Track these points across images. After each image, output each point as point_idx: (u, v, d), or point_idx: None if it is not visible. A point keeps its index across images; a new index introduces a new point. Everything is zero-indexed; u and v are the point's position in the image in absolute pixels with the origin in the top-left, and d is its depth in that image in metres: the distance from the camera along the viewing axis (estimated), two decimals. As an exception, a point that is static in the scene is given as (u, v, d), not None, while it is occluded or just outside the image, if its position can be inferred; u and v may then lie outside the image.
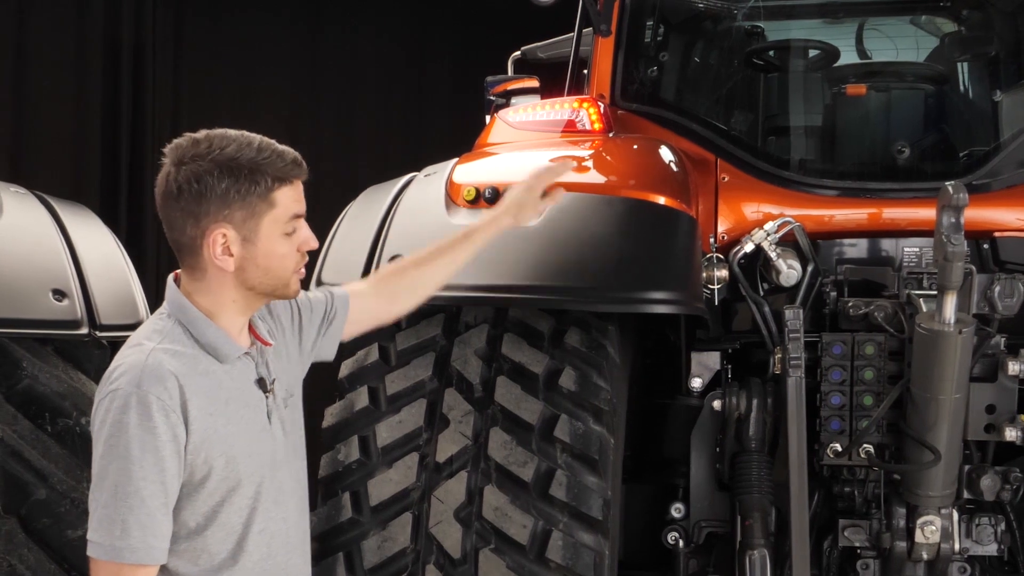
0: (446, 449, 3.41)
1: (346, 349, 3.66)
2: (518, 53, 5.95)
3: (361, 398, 3.53)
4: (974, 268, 3.56)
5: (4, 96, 7.35)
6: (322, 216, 3.50)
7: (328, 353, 2.90)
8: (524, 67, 5.90)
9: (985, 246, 3.97)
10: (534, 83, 5.30)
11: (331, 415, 3.55)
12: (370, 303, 2.94)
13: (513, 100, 5.10)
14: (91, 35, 7.65)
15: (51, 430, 3.38)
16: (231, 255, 2.47)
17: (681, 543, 3.97)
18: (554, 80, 5.29)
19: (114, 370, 2.44)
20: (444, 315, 3.62)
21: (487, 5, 8.39)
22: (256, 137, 2.51)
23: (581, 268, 3.40)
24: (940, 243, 3.26)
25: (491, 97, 5.42)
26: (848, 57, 4.73)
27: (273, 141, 2.53)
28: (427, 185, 3.78)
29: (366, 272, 3.48)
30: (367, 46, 8.66)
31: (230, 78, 8.22)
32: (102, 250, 3.62)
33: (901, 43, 4.83)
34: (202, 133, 2.50)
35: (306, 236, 2.56)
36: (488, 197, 3.57)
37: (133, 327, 3.51)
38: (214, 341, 2.49)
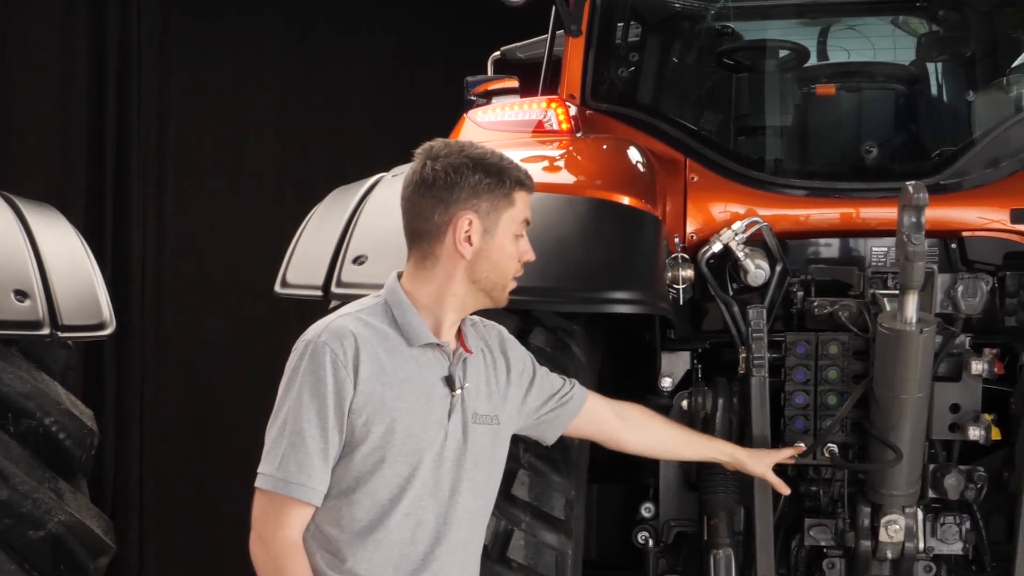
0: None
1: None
2: (497, 53, 5.95)
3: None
4: (935, 267, 3.57)
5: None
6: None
7: (549, 436, 3.12)
8: (504, 67, 5.90)
9: (953, 246, 3.98)
10: (514, 83, 5.30)
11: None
12: (605, 414, 3.18)
13: (493, 100, 5.11)
14: (76, 36, 7.64)
15: (14, 431, 3.39)
16: (471, 244, 2.74)
17: (651, 542, 3.97)
18: (534, 80, 5.30)
19: (310, 328, 2.72)
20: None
21: (478, 5, 8.40)
22: (497, 150, 2.85)
23: (545, 268, 3.39)
24: (901, 243, 3.27)
25: (472, 97, 5.42)
26: (823, 57, 4.75)
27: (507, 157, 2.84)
28: (394, 185, 3.76)
29: (329, 274, 3.49)
30: (357, 46, 8.66)
31: (218, 79, 8.21)
32: (67, 251, 3.63)
33: (877, 43, 4.85)
34: (452, 140, 2.81)
35: (527, 247, 2.82)
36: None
37: (96, 328, 3.55)
38: (410, 323, 2.72)
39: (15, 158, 7.41)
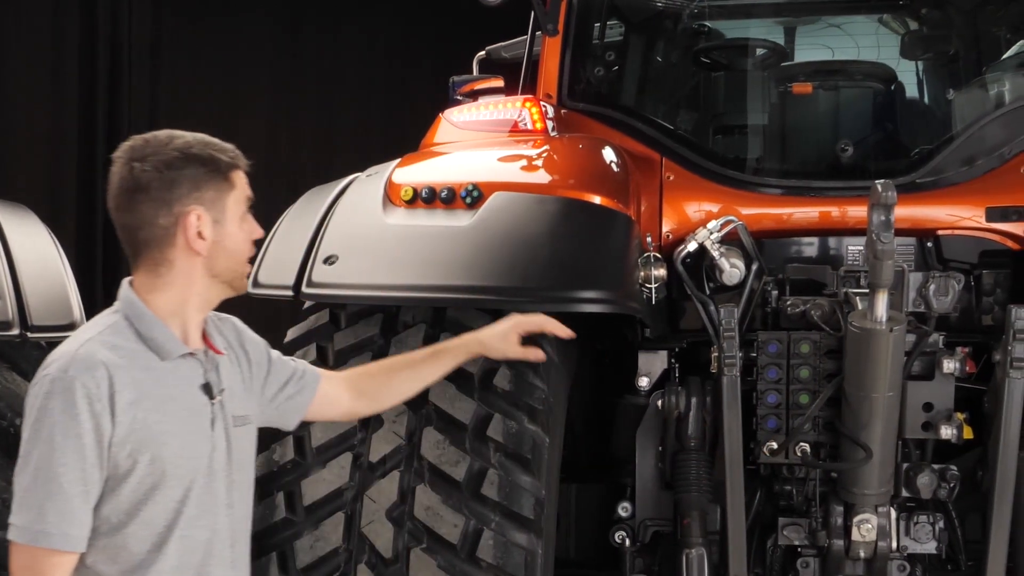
0: (379, 449, 3.41)
1: (285, 349, 3.68)
2: (483, 53, 5.95)
3: (298, 398, 3.53)
4: (905, 266, 3.57)
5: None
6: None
7: (289, 422, 2.98)
8: (489, 67, 5.91)
9: (929, 244, 3.98)
10: (499, 83, 5.31)
11: (268, 415, 3.55)
12: (340, 391, 3.03)
13: (479, 100, 5.12)
14: (67, 35, 7.67)
15: (-16, 431, 3.40)
16: (204, 238, 2.56)
17: (628, 542, 3.97)
18: (519, 80, 5.30)
19: (50, 358, 2.48)
20: (382, 315, 3.62)
21: (466, 4, 8.40)
22: (197, 133, 2.64)
23: (515, 267, 3.40)
24: (870, 241, 3.27)
25: (457, 97, 5.42)
26: (804, 56, 4.75)
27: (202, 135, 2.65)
28: (367, 185, 3.79)
29: (300, 274, 3.49)
30: (347, 45, 8.68)
31: (208, 78, 8.24)
32: (38, 251, 3.64)
33: (859, 42, 4.84)
34: (148, 134, 2.60)
35: (253, 224, 2.68)
36: (425, 197, 3.59)
37: (67, 328, 3.55)
38: (158, 337, 2.53)
39: (6, 158, 7.43)
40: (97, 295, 7.58)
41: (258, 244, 2.73)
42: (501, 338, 3.19)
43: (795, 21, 4.76)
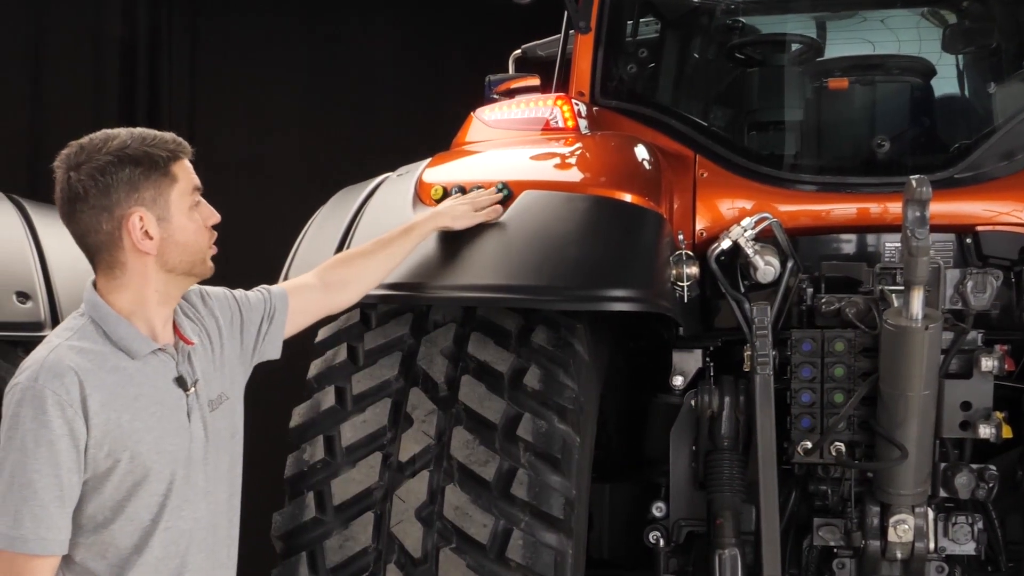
0: (409, 448, 3.41)
1: (315, 349, 3.68)
2: (519, 51, 5.94)
3: (328, 398, 3.54)
4: (941, 263, 3.51)
5: (20, 100, 7.44)
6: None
7: (272, 353, 2.96)
8: (525, 65, 5.90)
9: (968, 240, 3.92)
10: (535, 81, 5.30)
11: (298, 415, 3.56)
12: (314, 296, 3.02)
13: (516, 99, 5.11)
14: (106, 38, 7.73)
15: (16, 431, 3.41)
16: (151, 238, 2.55)
17: (662, 542, 3.94)
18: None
19: (22, 366, 2.51)
20: (412, 315, 3.62)
21: (503, 2, 8.39)
22: (134, 128, 2.62)
23: (545, 266, 3.38)
24: (905, 237, 3.22)
25: (494, 96, 5.42)
26: (840, 51, 4.69)
27: (150, 129, 2.64)
28: (398, 185, 3.78)
29: None
30: (381, 45, 8.67)
31: (245, 78, 8.27)
32: (71, 252, 3.63)
33: (898, 36, 4.78)
34: (85, 138, 2.59)
35: (208, 211, 2.65)
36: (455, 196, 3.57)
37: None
38: (125, 337, 2.54)
39: (47, 160, 7.49)
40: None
41: (217, 227, 2.72)
42: (467, 206, 3.33)
43: (831, 16, 4.70)
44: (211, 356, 2.73)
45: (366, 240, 3.50)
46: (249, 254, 8.11)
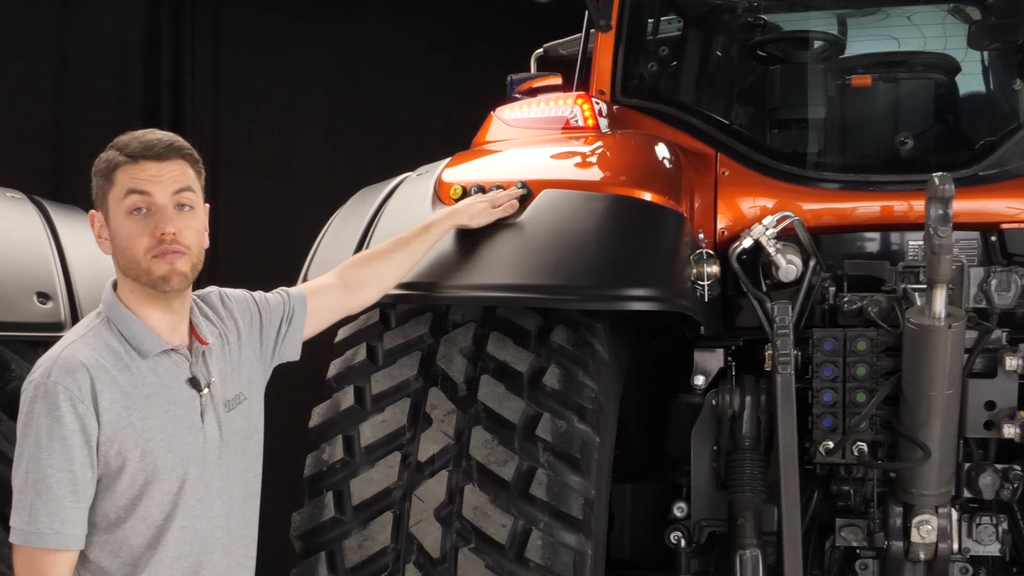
0: (428, 448, 3.40)
1: (335, 349, 3.68)
2: (540, 50, 5.93)
3: (347, 397, 3.54)
4: (964, 261, 3.48)
5: (44, 102, 7.49)
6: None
7: (292, 354, 2.97)
8: (547, 64, 5.88)
9: (992, 238, 3.88)
10: (557, 80, 5.29)
11: (317, 415, 3.56)
12: (332, 296, 3.04)
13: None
14: (130, 41, 7.77)
15: (37, 430, 3.43)
16: (103, 238, 2.63)
17: (683, 543, 3.92)
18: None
19: (37, 364, 2.54)
20: (432, 314, 3.61)
21: (526, 1, 8.38)
22: (145, 130, 2.63)
23: (564, 266, 3.37)
24: (928, 236, 3.19)
25: (515, 95, 5.41)
26: (862, 48, 4.65)
27: (156, 131, 2.63)
28: (417, 184, 3.78)
29: None
30: (406, 45, 8.68)
31: (269, 79, 8.29)
32: (91, 253, 3.66)
33: (923, 32, 4.74)
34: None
35: (160, 218, 2.56)
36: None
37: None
38: (136, 335, 2.57)
39: (72, 162, 7.54)
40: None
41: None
42: (484, 204, 3.35)
43: (854, 12, 4.66)
44: (229, 357, 2.74)
45: (385, 240, 3.50)
46: (273, 253, 8.17)
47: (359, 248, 3.56)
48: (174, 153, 2.59)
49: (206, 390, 2.64)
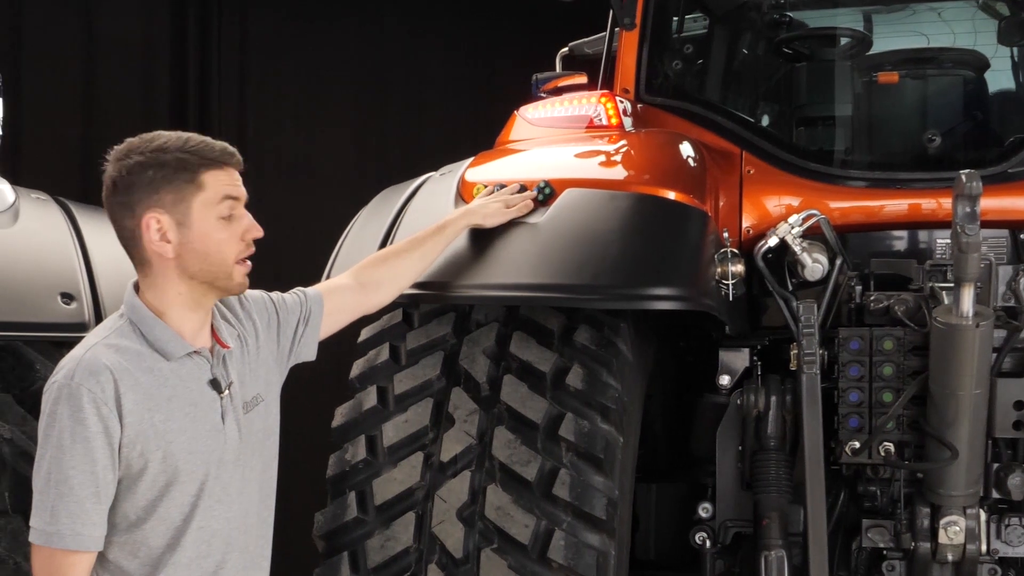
0: (451, 448, 3.39)
1: (357, 349, 3.68)
2: (565, 49, 5.92)
3: (370, 397, 3.53)
4: (993, 259, 3.44)
5: (73, 103, 7.53)
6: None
7: (308, 354, 2.98)
8: (572, 63, 5.87)
9: (1021, 236, 3.85)
10: (582, 79, 5.27)
11: (340, 415, 3.56)
12: (348, 296, 3.04)
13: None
14: (158, 41, 7.80)
15: (61, 431, 3.44)
16: (168, 241, 2.57)
17: (708, 543, 3.89)
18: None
19: (59, 365, 2.54)
20: (455, 314, 3.60)
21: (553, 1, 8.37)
22: (189, 133, 2.63)
23: (587, 265, 3.36)
24: (955, 234, 3.16)
25: (541, 95, 5.39)
26: (889, 44, 4.62)
27: (207, 137, 2.64)
28: (440, 184, 3.77)
29: None
30: (431, 45, 8.68)
31: (295, 79, 8.31)
32: (115, 254, 3.65)
33: (953, 28, 4.70)
34: (136, 137, 2.62)
35: (248, 224, 2.64)
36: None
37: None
38: (160, 338, 2.57)
39: (99, 163, 7.57)
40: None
41: (258, 243, 2.72)
42: (498, 204, 3.35)
43: (881, 9, 4.62)
44: (247, 358, 2.74)
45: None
46: (299, 252, 8.17)
47: (382, 248, 3.56)
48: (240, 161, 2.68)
49: (226, 392, 2.64)
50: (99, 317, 3.44)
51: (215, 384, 2.62)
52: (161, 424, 2.52)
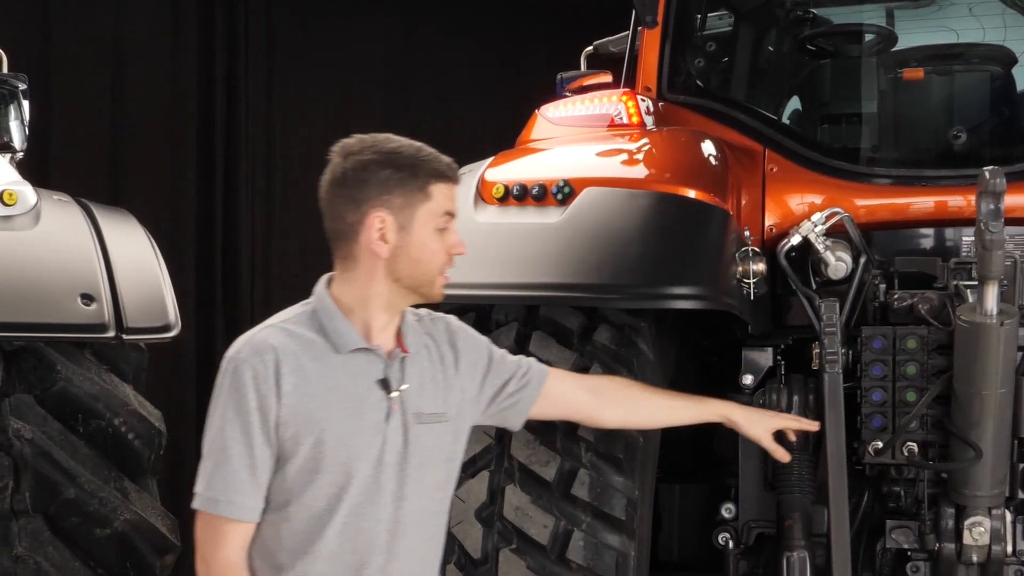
0: (469, 448, 3.32)
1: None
2: (590, 48, 5.90)
3: (391, 398, 3.52)
4: (1018, 256, 3.40)
5: (100, 104, 7.58)
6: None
7: (514, 422, 3.03)
8: (597, 62, 5.85)
9: None
10: (607, 78, 5.25)
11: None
12: (575, 392, 3.09)
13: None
14: (185, 41, 7.84)
15: (83, 431, 3.50)
16: (386, 242, 2.65)
17: (731, 544, 3.86)
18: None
19: (236, 341, 2.67)
20: (475, 313, 3.59)
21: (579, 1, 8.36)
22: (420, 143, 2.72)
23: (607, 264, 3.35)
24: (979, 231, 3.13)
25: (566, 94, 5.38)
26: (914, 40, 4.57)
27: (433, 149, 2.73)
28: (460, 183, 3.76)
29: None
30: (460, 43, 8.68)
31: (321, 77, 8.33)
32: (136, 255, 3.70)
33: (983, 23, 4.64)
34: (368, 135, 2.71)
35: (456, 239, 2.72)
36: (516, 194, 3.55)
37: (162, 330, 3.62)
38: (336, 331, 2.64)
39: (127, 166, 7.63)
40: (216, 299, 7.73)
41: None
42: (758, 420, 3.41)
43: (906, 5, 4.58)
44: (436, 375, 2.77)
45: None
46: (326, 250, 8.21)
47: None
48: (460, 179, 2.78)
49: (396, 394, 2.67)
50: (119, 318, 3.46)
51: (384, 383, 2.66)
52: (317, 411, 2.59)
